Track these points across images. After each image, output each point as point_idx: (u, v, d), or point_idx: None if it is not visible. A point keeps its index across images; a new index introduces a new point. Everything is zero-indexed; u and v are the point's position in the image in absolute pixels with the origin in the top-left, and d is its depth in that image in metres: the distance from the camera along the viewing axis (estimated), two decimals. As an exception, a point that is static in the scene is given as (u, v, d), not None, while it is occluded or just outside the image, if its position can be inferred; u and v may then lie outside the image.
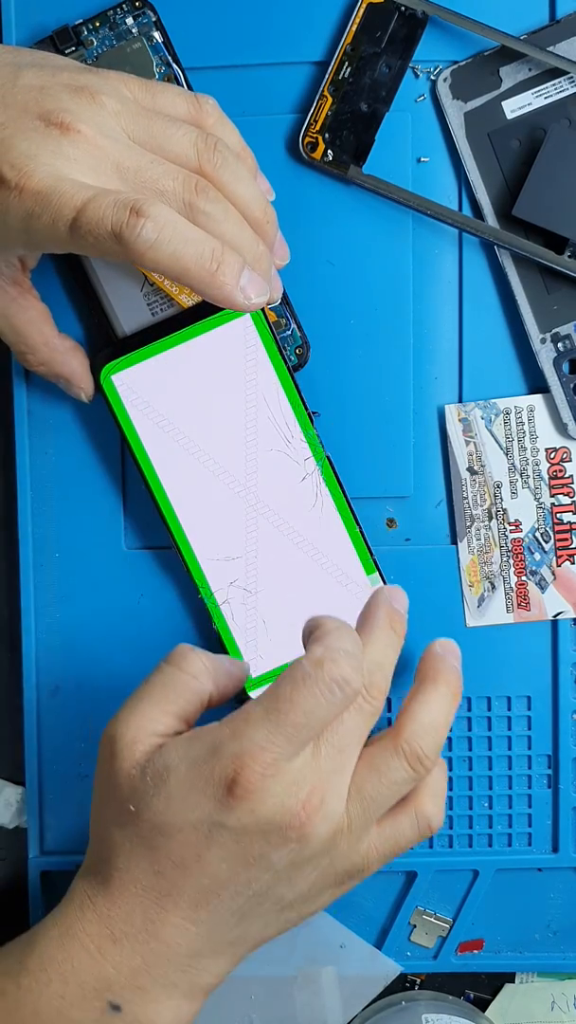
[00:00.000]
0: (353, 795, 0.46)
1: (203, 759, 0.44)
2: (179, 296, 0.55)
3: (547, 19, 0.55)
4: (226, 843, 0.44)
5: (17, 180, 0.44)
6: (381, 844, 0.48)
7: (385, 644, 0.48)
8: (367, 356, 0.57)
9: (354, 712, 0.46)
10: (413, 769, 0.46)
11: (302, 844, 0.44)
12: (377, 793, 0.46)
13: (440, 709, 0.48)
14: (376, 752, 0.47)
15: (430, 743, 0.47)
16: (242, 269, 0.46)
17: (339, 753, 0.45)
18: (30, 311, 0.52)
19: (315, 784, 0.44)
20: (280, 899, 0.46)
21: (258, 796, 0.43)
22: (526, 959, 0.59)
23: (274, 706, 0.44)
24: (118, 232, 0.43)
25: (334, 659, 0.44)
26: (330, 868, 0.46)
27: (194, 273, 0.45)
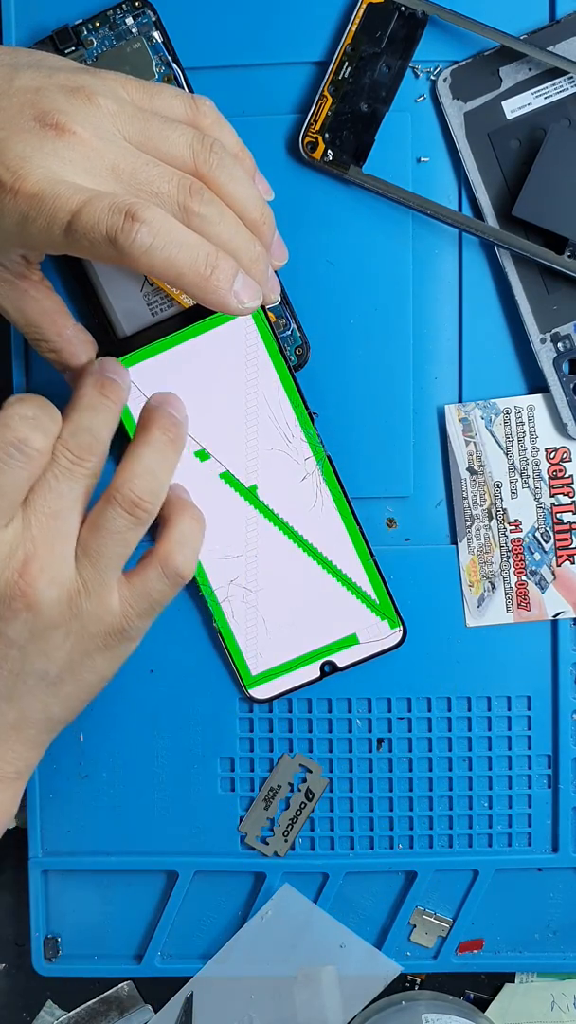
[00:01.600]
0: (80, 556, 0.46)
1: None
2: (180, 296, 0.55)
3: (547, 19, 0.55)
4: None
5: (12, 182, 0.44)
6: (134, 599, 0.47)
7: (92, 408, 0.47)
8: (367, 356, 0.57)
9: (61, 476, 0.45)
10: (131, 514, 0.46)
11: (34, 612, 0.44)
12: (102, 547, 0.46)
13: (153, 453, 0.48)
14: (94, 510, 0.47)
15: (143, 486, 0.47)
16: (236, 274, 0.46)
17: (52, 518, 0.45)
18: (43, 302, 0.52)
19: (30, 552, 0.44)
20: (44, 673, 0.46)
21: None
22: (526, 959, 0.59)
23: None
24: (113, 236, 0.43)
25: (6, 424, 0.44)
26: (83, 632, 0.46)
27: (188, 278, 0.45)
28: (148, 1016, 0.60)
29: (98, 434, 0.47)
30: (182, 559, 0.48)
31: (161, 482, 0.47)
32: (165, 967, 0.59)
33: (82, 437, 0.46)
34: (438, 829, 0.58)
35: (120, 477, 0.47)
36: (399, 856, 0.58)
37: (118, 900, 0.59)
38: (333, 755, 0.58)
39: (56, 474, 0.45)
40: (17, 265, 0.51)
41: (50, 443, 0.45)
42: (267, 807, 0.58)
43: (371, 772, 0.58)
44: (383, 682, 0.58)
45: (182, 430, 0.49)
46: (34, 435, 0.44)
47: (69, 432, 0.46)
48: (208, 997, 0.59)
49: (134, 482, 0.47)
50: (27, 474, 0.44)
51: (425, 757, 0.58)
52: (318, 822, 0.58)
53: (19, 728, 0.46)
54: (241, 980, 0.59)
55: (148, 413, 0.49)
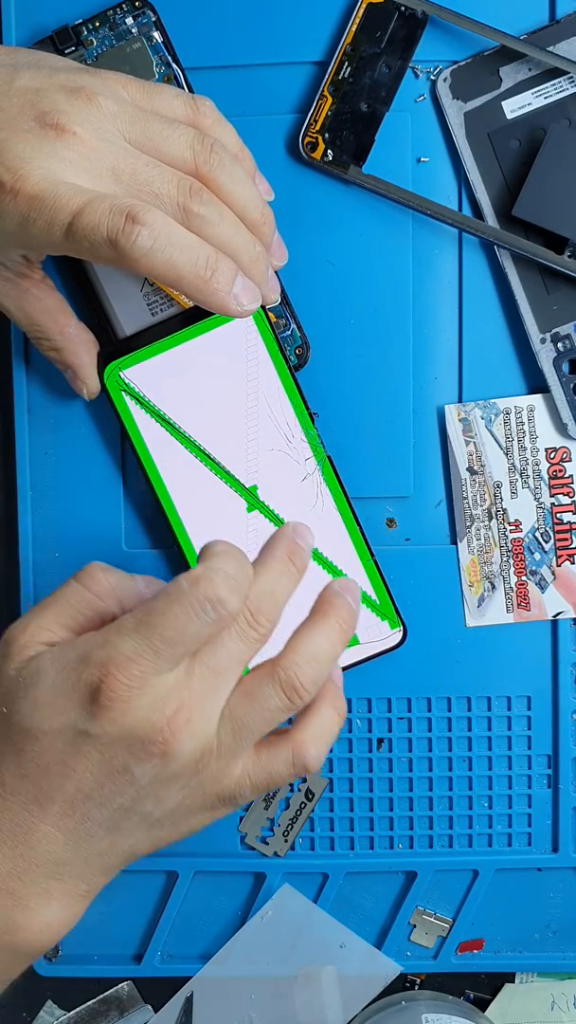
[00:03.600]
0: (225, 718, 0.45)
1: (72, 665, 0.44)
2: (180, 296, 0.55)
3: (547, 19, 0.55)
4: (90, 752, 0.44)
5: (12, 183, 0.44)
6: (255, 773, 0.47)
7: (278, 573, 0.47)
8: (367, 356, 0.57)
9: (235, 636, 0.45)
10: (288, 697, 0.46)
11: (166, 760, 0.44)
12: (249, 719, 0.45)
13: (324, 642, 0.47)
14: (253, 678, 0.46)
15: (308, 673, 0.46)
16: (236, 276, 0.46)
17: (214, 675, 0.45)
18: (45, 301, 0.52)
19: (183, 702, 0.44)
20: (148, 815, 0.46)
21: (121, 707, 0.43)
22: (526, 959, 0.59)
23: (146, 619, 0.43)
24: (114, 239, 0.43)
25: (210, 578, 0.43)
26: (199, 789, 0.46)
27: (188, 280, 0.45)
28: (148, 1016, 0.60)
29: (278, 600, 0.47)
30: (315, 753, 0.47)
31: (325, 672, 0.47)
32: (165, 967, 0.59)
33: (264, 602, 0.46)
34: (438, 829, 0.58)
35: (288, 658, 0.46)
36: (399, 856, 0.58)
37: (118, 900, 0.59)
38: (333, 755, 0.58)
39: (232, 633, 0.45)
40: (18, 264, 0.51)
41: (241, 605, 0.45)
42: (267, 807, 0.58)
43: (371, 772, 0.58)
44: (383, 682, 0.58)
45: (356, 622, 0.49)
46: (232, 597, 0.44)
47: (255, 594, 0.46)
48: (208, 997, 0.59)
49: (301, 667, 0.46)
50: (212, 631, 0.44)
51: (425, 757, 0.58)
52: (318, 822, 0.58)
53: (104, 856, 0.46)
54: (241, 980, 0.59)
55: (329, 598, 0.48)
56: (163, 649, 0.43)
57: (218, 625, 0.44)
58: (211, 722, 0.45)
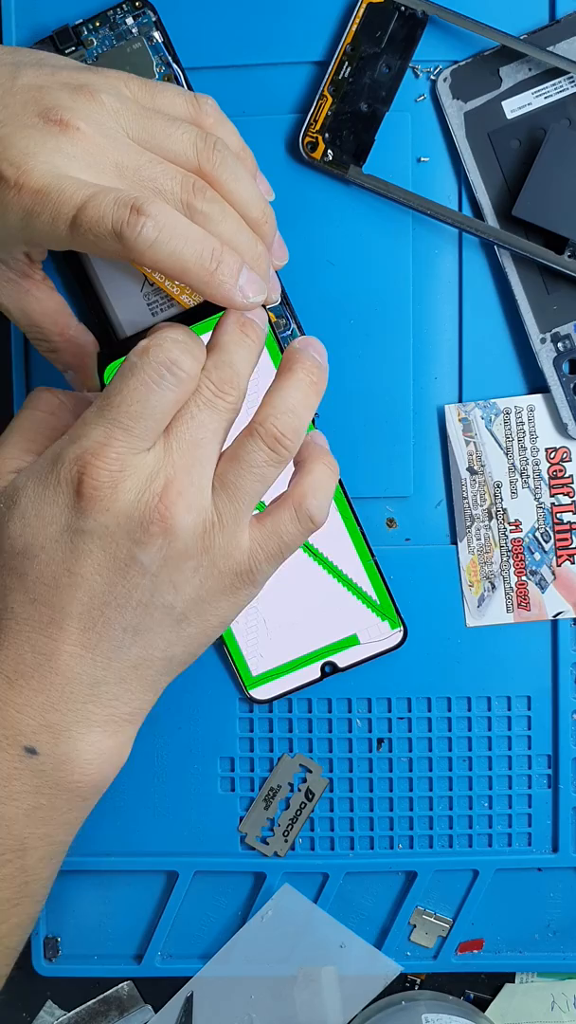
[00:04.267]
0: (217, 487, 0.45)
1: (47, 470, 0.44)
2: (180, 297, 0.55)
3: (547, 19, 0.55)
4: (92, 550, 0.43)
5: (16, 177, 0.44)
6: (264, 540, 0.46)
7: (234, 344, 0.47)
8: (367, 356, 0.57)
9: (203, 406, 0.45)
10: (272, 450, 0.46)
11: (169, 538, 0.43)
12: (240, 479, 0.45)
13: (296, 393, 0.47)
14: (235, 442, 0.46)
15: (286, 423, 0.46)
16: (241, 268, 0.46)
17: (193, 447, 0.44)
18: (45, 302, 0.52)
19: (170, 476, 0.44)
20: (170, 608, 0.45)
21: (109, 493, 0.42)
22: (526, 959, 0.59)
23: (107, 402, 0.43)
24: (119, 230, 0.43)
25: (159, 344, 0.43)
26: (213, 568, 0.45)
27: (194, 272, 0.45)
28: (148, 1016, 0.60)
29: (239, 370, 0.46)
30: (316, 504, 0.47)
31: (303, 422, 0.47)
32: (165, 967, 0.59)
33: (224, 371, 0.46)
34: (438, 829, 0.58)
35: (263, 412, 0.46)
36: (399, 856, 0.58)
37: (118, 900, 0.59)
38: (333, 755, 0.58)
39: (199, 404, 0.45)
40: (20, 264, 0.51)
41: (198, 369, 0.44)
42: (267, 807, 0.58)
43: (371, 772, 0.58)
44: (383, 682, 0.58)
45: (324, 375, 0.48)
46: (184, 358, 0.43)
47: (212, 364, 0.45)
48: (208, 997, 0.59)
49: (277, 418, 0.46)
50: (175, 397, 0.44)
51: (425, 757, 0.58)
52: (318, 822, 0.58)
53: (139, 667, 0.45)
54: (241, 980, 0.59)
55: (292, 354, 0.48)
56: (132, 426, 0.43)
57: (180, 389, 0.44)
58: (204, 492, 0.44)
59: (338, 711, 0.58)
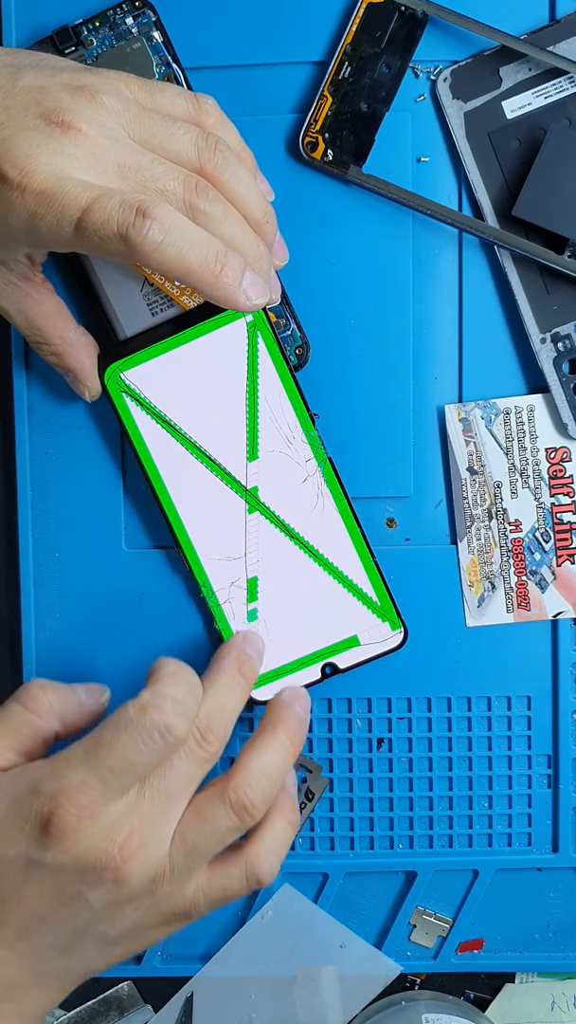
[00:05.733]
0: (177, 840, 0.46)
1: (23, 796, 0.44)
2: (180, 298, 0.55)
3: (547, 19, 0.55)
4: (43, 880, 0.44)
5: (19, 179, 0.44)
6: (209, 890, 0.48)
7: (228, 689, 0.48)
8: (367, 356, 0.57)
9: (185, 758, 0.46)
10: (239, 817, 0.46)
11: (118, 885, 0.44)
12: (200, 839, 0.46)
13: (274, 758, 0.48)
14: (204, 798, 0.47)
15: (258, 792, 0.47)
16: (245, 271, 0.46)
17: (164, 798, 0.45)
18: (45, 305, 0.52)
19: (134, 827, 0.44)
20: (103, 936, 0.46)
21: (72, 836, 0.43)
22: (526, 959, 0.59)
23: (94, 749, 0.44)
24: (124, 233, 0.43)
25: (158, 706, 0.44)
26: (153, 909, 0.47)
27: (198, 274, 0.45)
28: (148, 1016, 0.60)
29: (228, 717, 0.47)
30: (268, 867, 0.48)
31: (275, 788, 0.47)
32: (165, 967, 0.59)
33: (214, 720, 0.47)
34: (438, 829, 0.58)
35: (238, 777, 0.47)
36: (399, 856, 0.58)
37: (118, 900, 0.59)
38: (333, 755, 0.58)
39: (182, 755, 0.46)
40: (21, 266, 0.51)
41: (188, 731, 0.45)
42: (267, 807, 0.58)
43: (371, 772, 0.58)
44: (383, 682, 0.58)
45: (305, 732, 0.50)
46: (180, 723, 0.44)
47: (204, 713, 0.46)
48: (208, 997, 0.59)
49: (251, 786, 0.46)
50: (160, 758, 0.45)
51: (425, 757, 0.58)
52: (318, 822, 0.58)
53: (59, 977, 0.47)
54: (241, 980, 0.59)
55: (278, 711, 0.49)
56: (111, 779, 0.44)
57: (167, 752, 0.45)
58: (163, 845, 0.45)
59: (338, 711, 0.58)
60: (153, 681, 0.45)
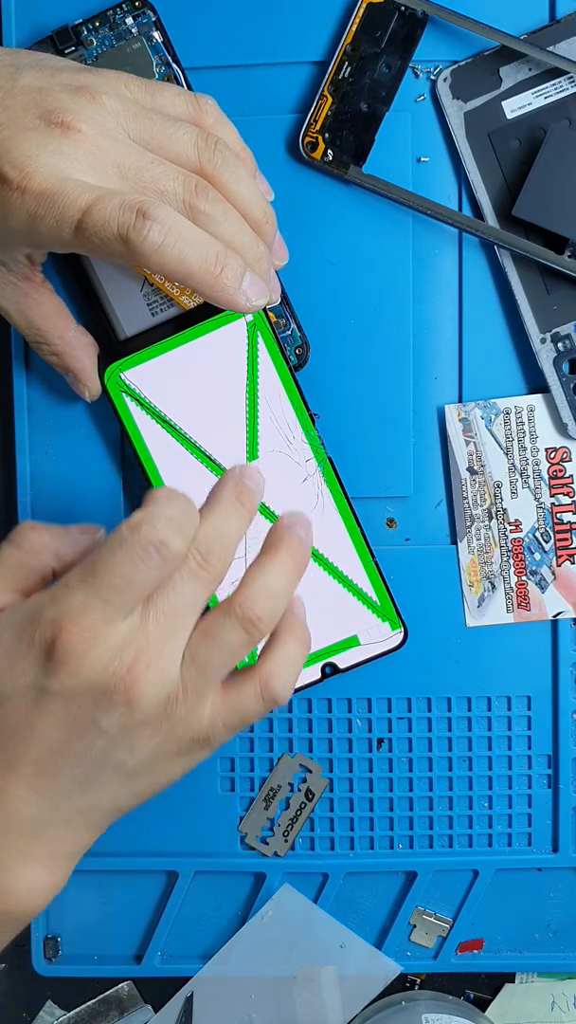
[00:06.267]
0: (187, 660, 0.45)
1: (24, 626, 0.44)
2: (180, 298, 0.55)
3: (547, 19, 0.55)
4: (54, 708, 0.43)
5: (19, 180, 0.44)
6: (226, 712, 0.46)
7: (226, 514, 0.47)
8: (367, 356, 0.57)
9: (187, 578, 0.45)
10: (246, 631, 0.46)
11: (131, 707, 0.44)
12: (211, 657, 0.45)
13: (277, 575, 0.47)
14: (210, 618, 0.46)
15: (264, 606, 0.46)
16: (244, 272, 0.46)
17: (169, 618, 0.45)
18: (44, 305, 0.52)
19: (142, 648, 0.44)
20: (122, 765, 0.45)
21: (78, 659, 0.43)
22: (526, 959, 0.59)
23: (91, 570, 0.43)
24: (124, 234, 0.43)
25: (151, 522, 0.43)
26: (171, 734, 0.46)
27: (198, 276, 0.45)
28: (148, 1016, 0.60)
29: (228, 542, 0.46)
30: (282, 684, 0.47)
31: (281, 604, 0.47)
32: (165, 967, 0.59)
33: (213, 543, 0.46)
34: (438, 829, 0.58)
35: (242, 593, 0.46)
36: (399, 856, 0.58)
37: (118, 900, 0.59)
38: (333, 755, 0.58)
39: (183, 576, 0.45)
40: (21, 266, 0.51)
41: (186, 546, 0.44)
42: (267, 807, 0.58)
43: (371, 772, 0.58)
44: (383, 682, 0.58)
45: (308, 553, 0.49)
46: (174, 538, 0.43)
47: (202, 535, 0.46)
48: (208, 997, 0.59)
49: (255, 600, 0.46)
50: (159, 574, 0.44)
51: (425, 757, 0.58)
52: (318, 822, 0.58)
53: (85, 813, 0.46)
54: (241, 980, 0.59)
55: (278, 532, 0.48)
56: (112, 597, 0.43)
57: (165, 568, 0.44)
58: (172, 666, 0.44)
59: (338, 711, 0.58)
60: (146, 504, 0.45)
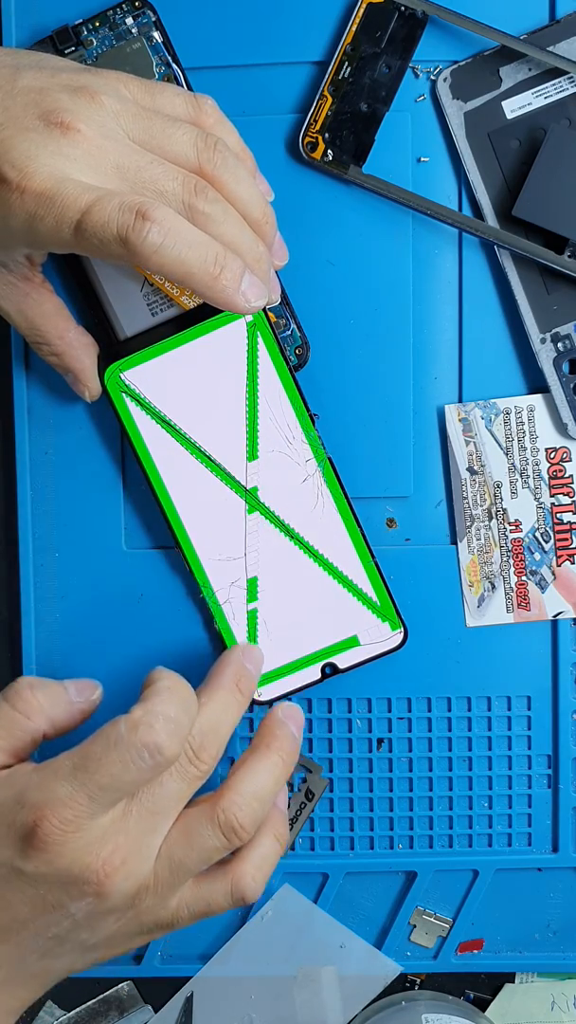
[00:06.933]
0: (163, 856, 0.46)
1: (8, 804, 0.44)
2: (180, 298, 0.55)
3: (547, 19, 0.55)
4: (25, 888, 0.44)
5: (19, 180, 0.44)
6: (193, 903, 0.47)
7: (224, 706, 0.48)
8: (367, 356, 0.57)
9: (176, 776, 0.46)
10: (226, 838, 0.46)
11: (100, 899, 0.44)
12: (186, 858, 0.46)
13: (267, 778, 0.48)
14: (192, 816, 0.46)
15: (247, 814, 0.46)
16: (244, 273, 0.46)
17: (152, 816, 0.45)
18: (44, 305, 0.52)
19: (119, 843, 0.44)
20: (83, 942, 0.46)
21: (55, 849, 0.43)
22: (526, 959, 0.59)
23: (82, 763, 0.44)
24: (124, 236, 0.43)
25: (150, 724, 0.44)
26: (135, 920, 0.47)
27: (198, 277, 0.45)
28: (148, 1016, 0.60)
29: (222, 735, 0.47)
30: (253, 885, 0.48)
31: (266, 808, 0.47)
32: (165, 967, 0.59)
33: (208, 738, 0.46)
34: (438, 829, 0.58)
35: (228, 797, 0.46)
36: (399, 856, 0.58)
37: (118, 900, 0.59)
38: (333, 755, 0.58)
39: (171, 773, 0.45)
40: (20, 267, 0.51)
41: (181, 749, 0.45)
42: (267, 807, 0.58)
43: (371, 772, 0.58)
44: (383, 682, 0.58)
45: (298, 752, 0.49)
46: (171, 743, 0.44)
47: (198, 730, 0.46)
48: (208, 997, 0.59)
49: (241, 808, 0.46)
50: (149, 777, 0.44)
51: (425, 757, 0.58)
52: (318, 822, 0.58)
53: (39, 976, 0.47)
54: (241, 980, 0.59)
55: (272, 729, 0.49)
56: (98, 795, 0.44)
57: (155, 771, 0.44)
58: (147, 861, 0.45)
59: (338, 711, 0.58)
60: (147, 696, 0.45)
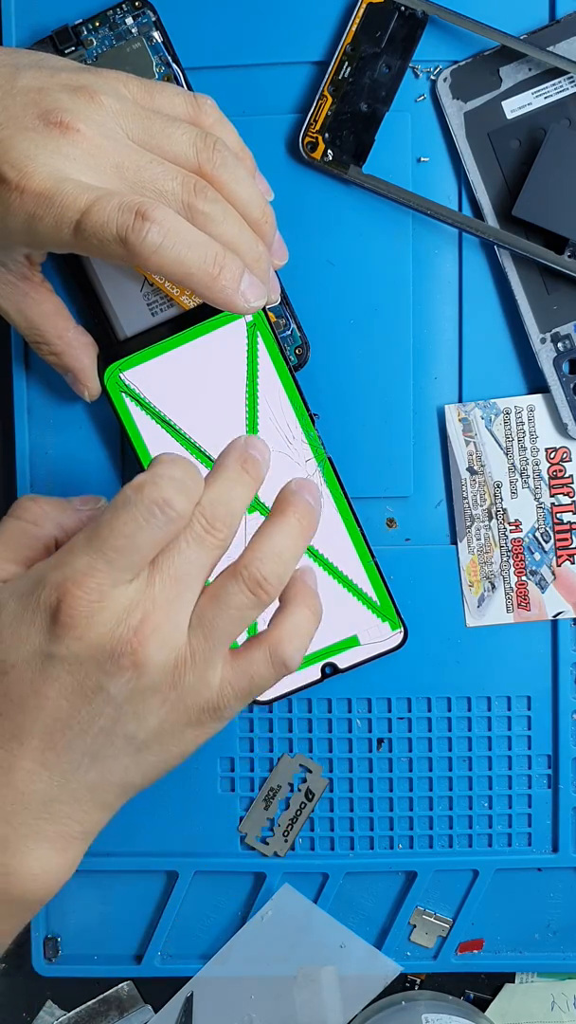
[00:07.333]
0: (195, 624, 0.45)
1: (28, 591, 0.44)
2: (180, 298, 0.55)
3: (547, 19, 0.55)
4: (60, 675, 0.43)
5: (18, 180, 0.44)
6: (235, 679, 0.46)
7: (232, 481, 0.46)
8: (367, 356, 0.57)
9: (192, 542, 0.45)
10: (253, 594, 0.45)
11: (138, 672, 0.43)
12: (218, 619, 0.45)
13: (285, 538, 0.47)
14: (217, 582, 0.46)
15: (271, 568, 0.46)
16: (243, 273, 0.46)
17: (176, 582, 0.44)
18: (44, 304, 0.53)
19: (147, 611, 0.43)
20: (131, 737, 0.45)
21: (84, 623, 0.42)
22: (526, 959, 0.59)
23: (95, 533, 0.43)
24: (123, 236, 0.43)
25: (155, 482, 0.43)
26: (180, 703, 0.45)
27: (197, 277, 0.45)
28: (148, 1016, 0.60)
29: (234, 508, 0.46)
30: (292, 649, 0.47)
31: (288, 567, 0.47)
32: (165, 967, 0.59)
33: (218, 508, 0.45)
34: (438, 829, 0.58)
35: (248, 555, 0.46)
36: (399, 856, 0.58)
37: (118, 900, 0.59)
38: (333, 755, 0.58)
39: (188, 539, 0.45)
40: (20, 266, 0.51)
41: (191, 508, 0.44)
42: (267, 807, 0.58)
43: (371, 772, 0.58)
44: (383, 682, 0.58)
45: (316, 519, 0.48)
46: (178, 498, 0.43)
47: (207, 500, 0.45)
48: (208, 997, 0.59)
49: (263, 562, 0.46)
50: (164, 535, 0.44)
51: (425, 757, 0.58)
52: (318, 822, 0.58)
53: (95, 790, 0.45)
54: (241, 980, 0.59)
55: (286, 496, 0.48)
56: (117, 559, 0.43)
57: (170, 528, 0.44)
58: (179, 629, 0.44)
59: (338, 711, 0.58)
60: (150, 467, 0.45)
